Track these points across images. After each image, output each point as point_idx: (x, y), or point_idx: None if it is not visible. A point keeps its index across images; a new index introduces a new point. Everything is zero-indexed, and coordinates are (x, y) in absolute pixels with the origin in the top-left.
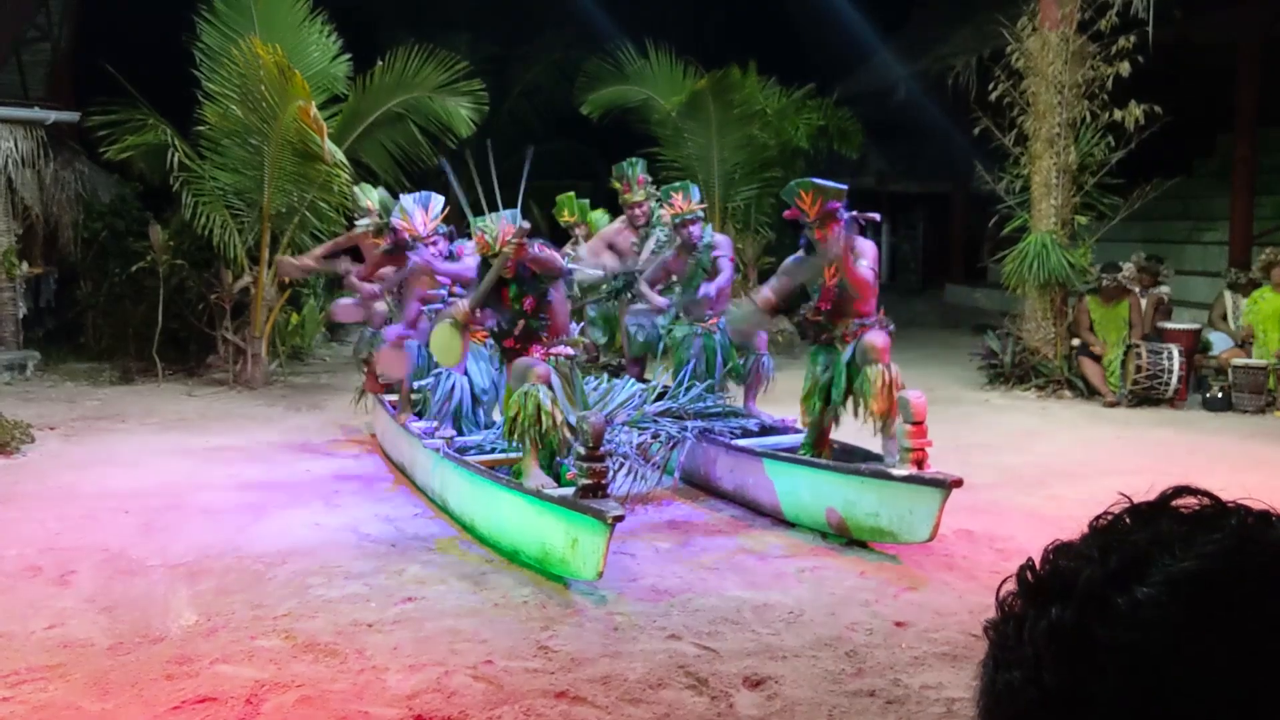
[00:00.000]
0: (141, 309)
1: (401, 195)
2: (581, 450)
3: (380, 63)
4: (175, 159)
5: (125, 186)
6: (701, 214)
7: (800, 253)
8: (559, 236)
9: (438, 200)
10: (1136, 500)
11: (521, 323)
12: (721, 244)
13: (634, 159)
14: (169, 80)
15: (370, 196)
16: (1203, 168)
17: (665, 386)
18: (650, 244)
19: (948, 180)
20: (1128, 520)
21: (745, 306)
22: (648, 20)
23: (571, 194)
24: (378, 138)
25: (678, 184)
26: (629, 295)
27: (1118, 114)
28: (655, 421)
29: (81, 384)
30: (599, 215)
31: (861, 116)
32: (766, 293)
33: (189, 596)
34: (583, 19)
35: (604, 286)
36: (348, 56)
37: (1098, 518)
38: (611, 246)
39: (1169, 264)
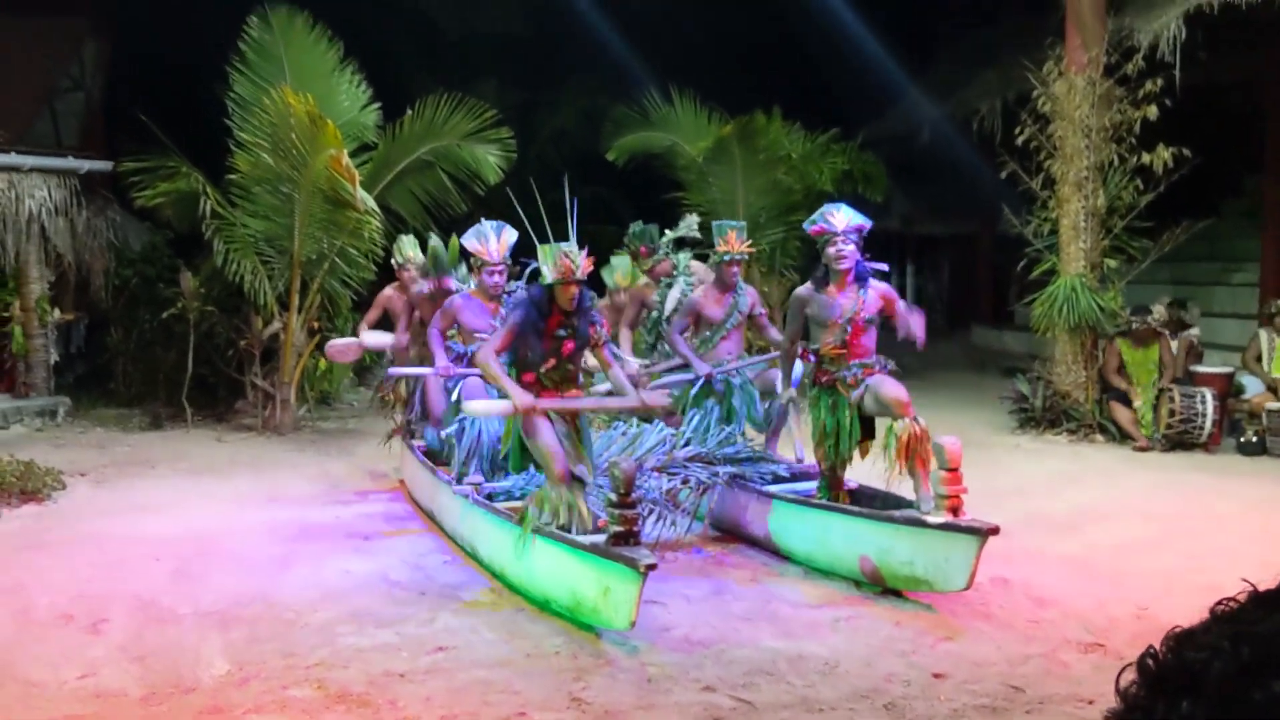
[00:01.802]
0: (171, 355)
1: (482, 220)
2: (613, 497)
3: (410, 111)
4: (207, 206)
5: (156, 234)
6: (746, 257)
7: (805, 286)
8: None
9: (512, 232)
10: (1259, 586)
11: (553, 362)
12: (753, 295)
13: (642, 228)
14: (201, 129)
15: (411, 249)
16: (1231, 209)
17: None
18: (674, 293)
19: (973, 222)
20: (1253, 608)
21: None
22: (673, 67)
23: (627, 258)
24: (407, 185)
25: (732, 222)
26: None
27: (1146, 157)
28: (685, 467)
29: (112, 430)
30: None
31: (886, 159)
32: (790, 346)
33: (221, 645)
34: (608, 66)
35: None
36: (377, 105)
37: (1220, 603)
38: (644, 303)
39: (1197, 304)
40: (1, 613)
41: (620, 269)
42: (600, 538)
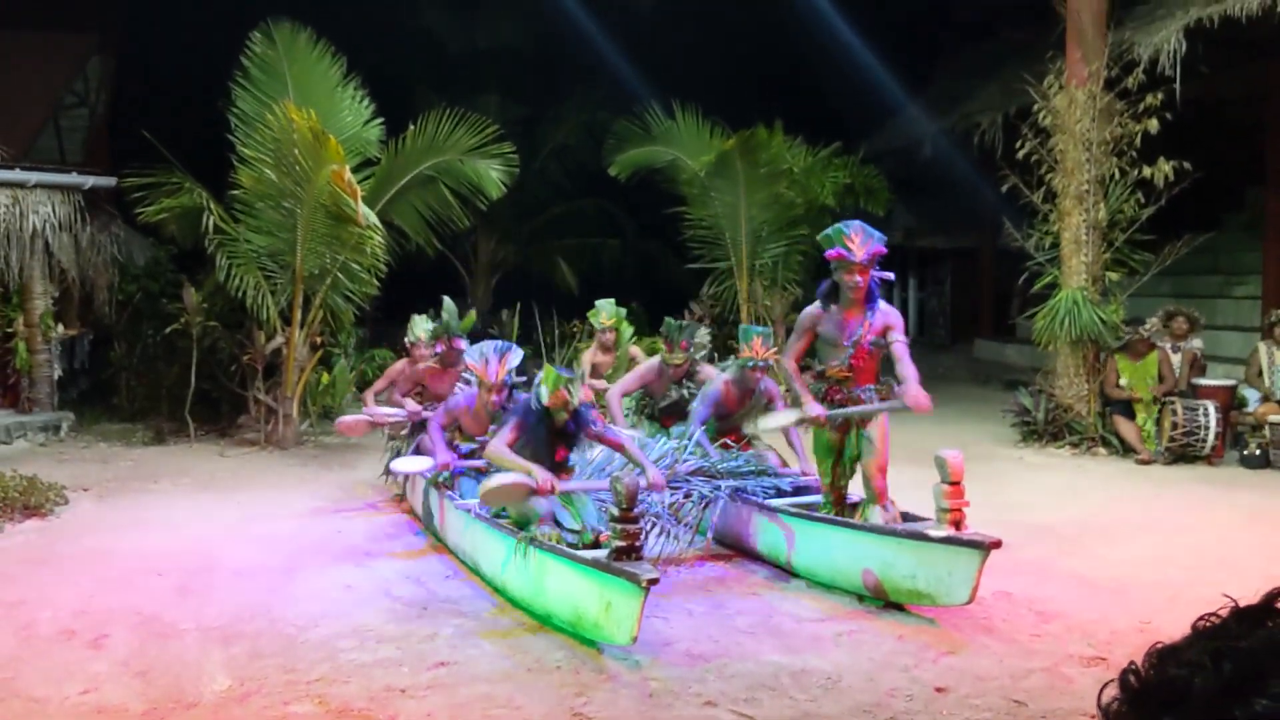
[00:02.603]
0: (174, 370)
1: (487, 341)
2: (615, 511)
3: (412, 126)
4: (210, 222)
5: (160, 249)
6: (771, 364)
7: (816, 304)
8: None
9: (517, 353)
10: (1241, 601)
11: (546, 464)
12: (771, 389)
13: (686, 324)
14: (204, 145)
15: (422, 329)
16: (1233, 222)
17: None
18: (674, 394)
19: (975, 236)
20: (1234, 624)
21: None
22: (674, 81)
23: (613, 300)
24: (409, 199)
25: (759, 328)
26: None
27: (1147, 170)
28: (687, 481)
29: (115, 445)
30: (628, 329)
31: (888, 173)
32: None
33: (222, 660)
34: (610, 81)
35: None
36: (380, 120)
37: (1202, 619)
38: (646, 384)
39: (1200, 316)
40: (4, 628)
41: (605, 310)
42: (602, 552)
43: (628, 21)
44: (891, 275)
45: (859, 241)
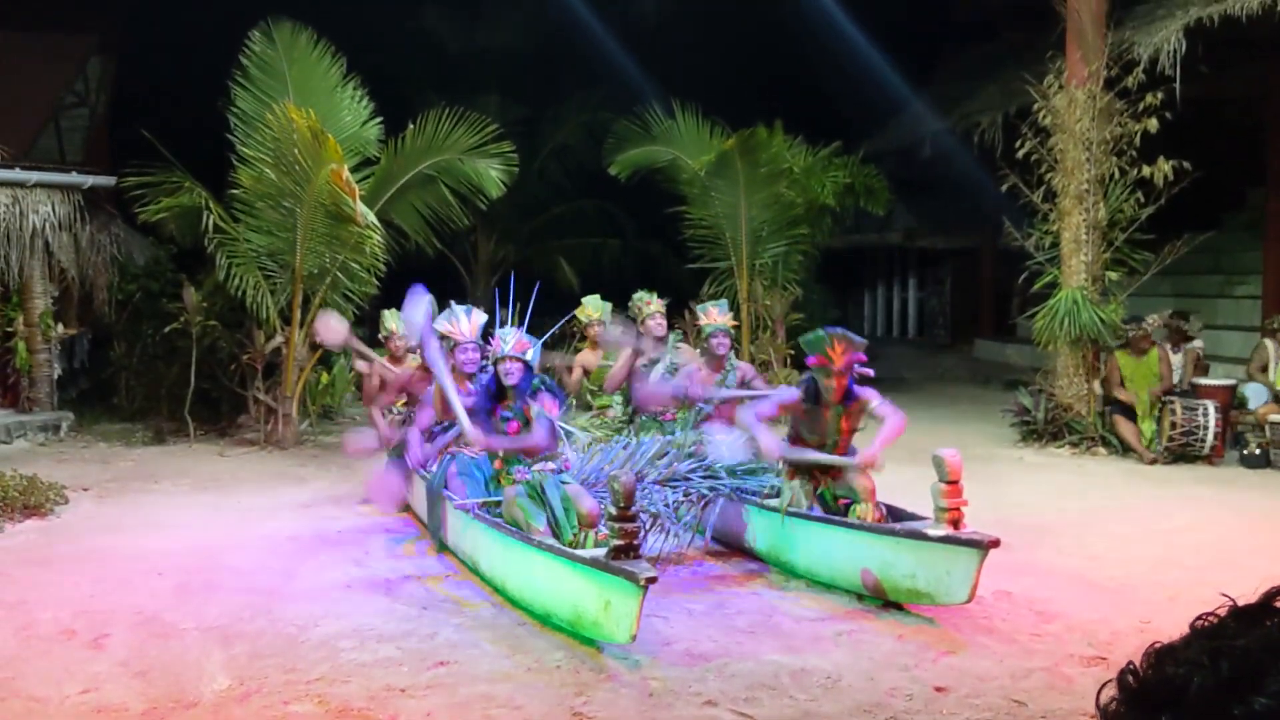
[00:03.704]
0: (174, 369)
1: (452, 302)
2: (613, 510)
3: (411, 126)
4: (210, 221)
5: (159, 249)
6: (730, 330)
7: (797, 391)
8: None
9: (482, 315)
10: (1239, 600)
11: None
12: (745, 370)
13: (648, 290)
14: (204, 145)
15: (394, 321)
16: (1233, 222)
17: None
18: (662, 365)
19: (975, 235)
20: (1232, 623)
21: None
22: (675, 81)
23: (597, 296)
24: (409, 199)
25: (713, 302)
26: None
27: (1146, 170)
28: (686, 480)
29: (115, 444)
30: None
31: (888, 173)
32: (754, 418)
33: (222, 660)
34: (610, 81)
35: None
36: (379, 120)
37: (1200, 618)
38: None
39: (1199, 316)
40: (4, 628)
41: (590, 305)
42: (600, 551)
43: (628, 21)
44: (871, 372)
45: (840, 350)
